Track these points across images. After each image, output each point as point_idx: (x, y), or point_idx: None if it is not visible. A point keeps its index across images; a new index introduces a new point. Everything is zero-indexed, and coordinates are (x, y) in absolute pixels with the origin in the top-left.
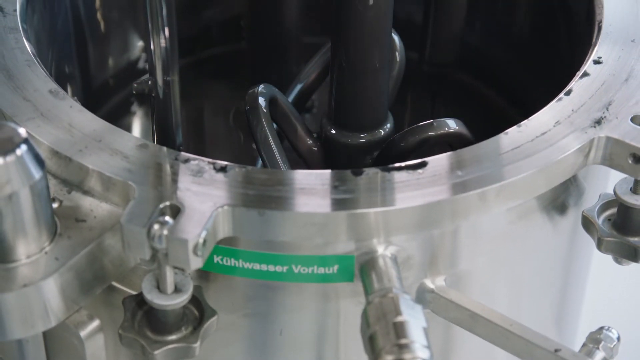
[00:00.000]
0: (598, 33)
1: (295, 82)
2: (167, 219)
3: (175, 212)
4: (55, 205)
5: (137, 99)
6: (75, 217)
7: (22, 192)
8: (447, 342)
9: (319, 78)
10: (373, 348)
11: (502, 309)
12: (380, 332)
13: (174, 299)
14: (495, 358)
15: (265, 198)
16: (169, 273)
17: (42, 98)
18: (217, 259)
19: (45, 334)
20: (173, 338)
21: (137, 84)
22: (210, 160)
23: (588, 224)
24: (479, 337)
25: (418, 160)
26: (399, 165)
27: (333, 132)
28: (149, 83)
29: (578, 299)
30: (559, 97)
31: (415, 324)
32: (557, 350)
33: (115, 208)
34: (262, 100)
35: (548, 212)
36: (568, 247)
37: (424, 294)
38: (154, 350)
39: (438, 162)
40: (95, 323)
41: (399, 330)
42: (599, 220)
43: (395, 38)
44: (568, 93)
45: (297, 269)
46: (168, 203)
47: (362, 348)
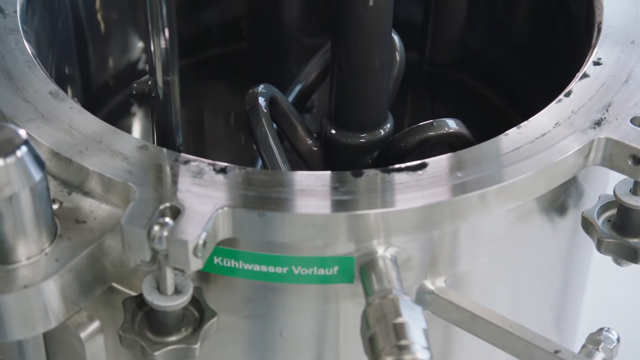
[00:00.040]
0: (598, 34)
1: (295, 82)
2: (167, 220)
3: (176, 213)
4: (56, 207)
5: (137, 100)
6: (76, 218)
7: (22, 193)
8: (447, 343)
9: (319, 78)
10: (373, 349)
11: (502, 310)
12: (380, 333)
13: (174, 300)
14: (495, 359)
15: (265, 199)
16: (169, 274)
17: (42, 99)
18: (217, 260)
19: (46, 335)
20: (173, 339)
21: (137, 84)
22: (210, 162)
23: (588, 225)
24: (479, 338)
25: (418, 162)
26: (399, 167)
27: (333, 132)
28: (149, 83)
29: (578, 300)
30: (559, 98)
31: (415, 325)
32: (557, 352)
33: (116, 209)
34: (262, 100)
35: (548, 213)
36: (568, 248)
37: (424, 295)
38: (154, 352)
39: (438, 163)
40: (96, 324)
41: (399, 332)
42: (599, 222)
43: (395, 38)
44: (568, 94)
45: (297, 270)
46: (168, 204)
47: (362, 349)
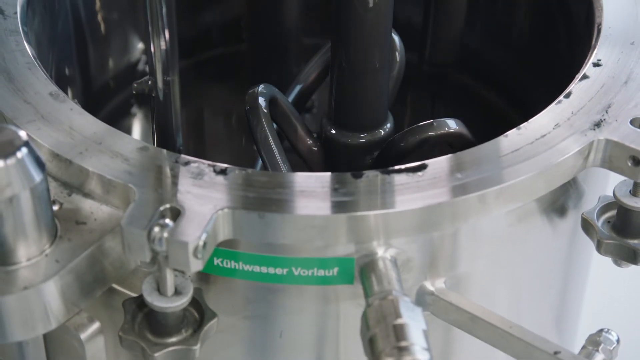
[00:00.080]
0: (597, 35)
1: (295, 82)
2: (167, 222)
3: (176, 214)
4: (56, 208)
5: (137, 101)
6: (76, 219)
7: (22, 194)
8: (447, 344)
9: (319, 78)
10: (373, 350)
11: (501, 312)
12: (380, 334)
13: (174, 302)
14: None
15: (266, 201)
16: (169, 275)
17: (42, 101)
18: (217, 262)
19: (46, 336)
20: (173, 340)
21: (137, 84)
22: (211, 163)
23: (587, 227)
24: (479, 339)
25: (418, 163)
26: (399, 168)
27: (333, 132)
28: (149, 83)
29: (578, 301)
30: (559, 99)
31: (415, 327)
32: (556, 353)
33: (116, 210)
34: (262, 100)
35: (548, 214)
36: (568, 249)
37: (424, 297)
38: (154, 353)
39: (438, 164)
40: (96, 325)
41: (399, 333)
42: (599, 223)
43: (395, 38)
44: (567, 96)
45: (297, 272)
46: (168, 205)
47: (362, 350)
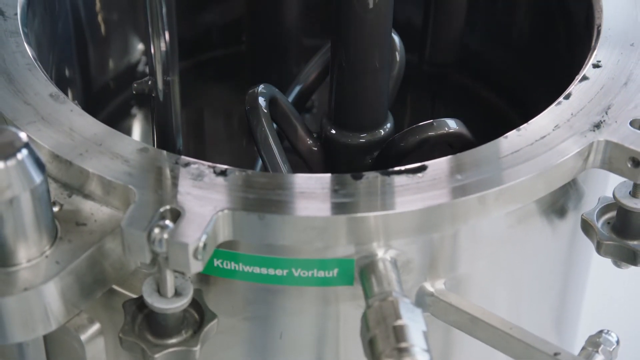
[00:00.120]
0: (597, 37)
1: (295, 82)
2: (167, 223)
3: (176, 216)
4: (56, 209)
5: (137, 102)
6: (76, 220)
7: (22, 196)
8: (446, 345)
9: (319, 78)
10: (373, 352)
11: (501, 313)
12: (380, 335)
13: (174, 303)
14: None
15: (266, 202)
16: (169, 277)
17: (42, 102)
18: (217, 263)
19: (46, 338)
20: (173, 341)
21: (137, 84)
22: (211, 164)
23: (587, 228)
24: (479, 340)
25: (418, 164)
26: (399, 169)
27: (333, 132)
28: (149, 83)
29: (577, 302)
30: (558, 101)
31: (415, 328)
32: (556, 354)
33: (116, 212)
34: (262, 100)
35: (547, 215)
36: (567, 250)
37: (424, 298)
38: (155, 354)
39: (438, 165)
40: (96, 326)
41: (399, 334)
42: (598, 224)
43: (395, 38)
44: (567, 97)
45: (297, 273)
46: (168, 207)
47: (362, 351)
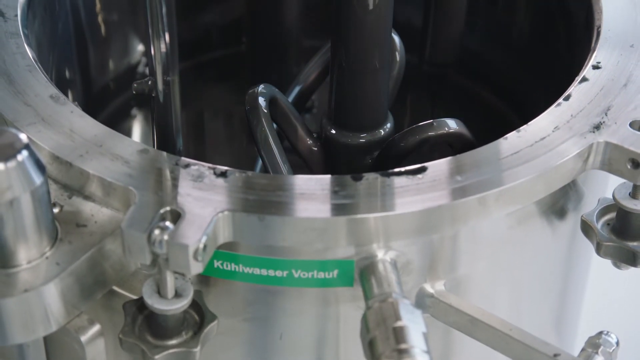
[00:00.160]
0: (597, 38)
1: (295, 82)
2: (167, 224)
3: (176, 217)
4: (56, 211)
5: (137, 103)
6: (76, 222)
7: (23, 197)
8: (446, 346)
9: (319, 78)
10: (373, 353)
11: (501, 314)
12: (380, 337)
13: (175, 304)
14: None
15: (266, 203)
16: (170, 278)
17: (43, 103)
18: (217, 264)
19: (46, 339)
20: (173, 343)
21: (137, 84)
22: (211, 166)
23: (587, 229)
24: (479, 341)
25: (417, 166)
26: (399, 171)
27: (333, 132)
28: (149, 83)
29: (577, 304)
30: (558, 102)
31: (415, 329)
32: (556, 355)
33: (116, 213)
34: (262, 100)
35: (547, 216)
36: (567, 251)
37: (424, 299)
38: (155, 355)
39: (437, 167)
40: (96, 328)
41: (399, 335)
42: (598, 225)
43: (395, 38)
44: (567, 98)
45: (297, 274)
46: (168, 208)
47: (362, 353)
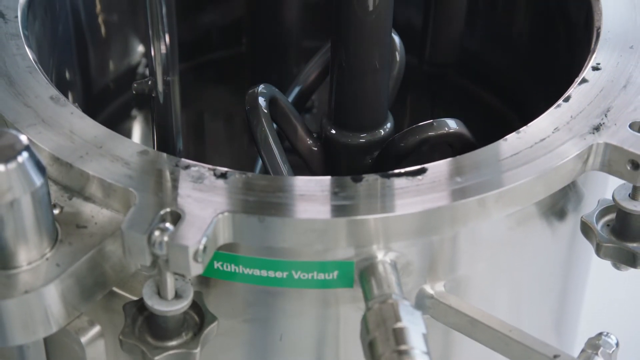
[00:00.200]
0: (597, 39)
1: (295, 82)
2: (167, 226)
3: (176, 218)
4: (56, 212)
5: (137, 104)
6: (76, 223)
7: (23, 199)
8: (446, 348)
9: (319, 78)
10: (373, 354)
11: (501, 315)
12: (380, 338)
13: (175, 305)
14: None
15: (266, 204)
16: (170, 279)
17: (43, 104)
18: (217, 265)
19: (46, 340)
20: (173, 344)
21: (137, 84)
22: (211, 167)
23: (587, 230)
24: (479, 342)
25: (417, 167)
26: (399, 172)
27: (333, 132)
28: (149, 83)
29: (577, 305)
30: (558, 103)
31: (415, 330)
32: (556, 356)
33: (116, 214)
34: (262, 100)
35: (547, 218)
36: (567, 252)
37: (424, 300)
38: (155, 356)
39: (437, 168)
40: (96, 329)
41: (399, 337)
42: (598, 226)
43: (395, 38)
44: (567, 99)
45: (297, 275)
46: (169, 209)
47: (361, 354)
